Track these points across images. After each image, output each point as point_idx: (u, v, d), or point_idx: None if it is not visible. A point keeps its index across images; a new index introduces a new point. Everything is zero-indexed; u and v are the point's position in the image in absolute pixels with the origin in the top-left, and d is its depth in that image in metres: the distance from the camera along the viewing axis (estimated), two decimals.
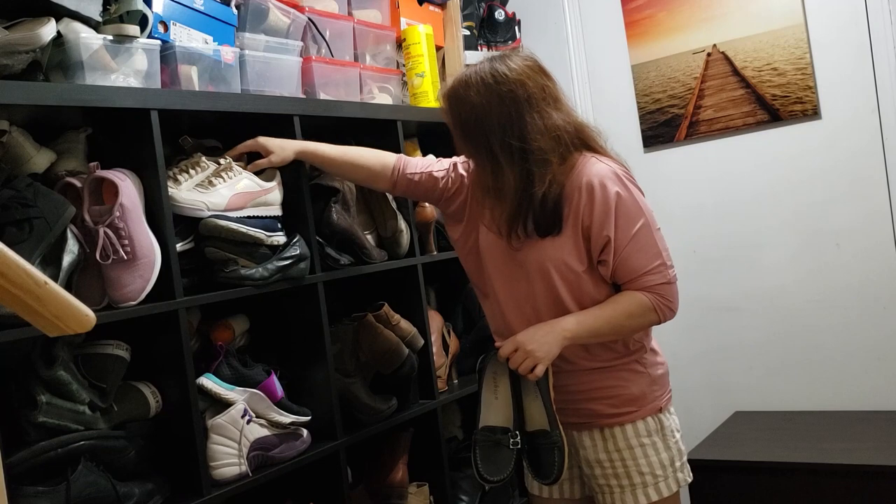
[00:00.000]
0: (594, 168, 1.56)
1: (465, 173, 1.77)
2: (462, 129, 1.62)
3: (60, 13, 1.49)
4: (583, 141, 1.61)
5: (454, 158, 1.82)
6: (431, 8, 2.65)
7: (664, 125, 2.92)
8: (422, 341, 2.11)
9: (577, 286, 1.59)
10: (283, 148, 1.79)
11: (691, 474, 1.71)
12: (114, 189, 1.48)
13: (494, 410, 1.66)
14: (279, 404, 1.74)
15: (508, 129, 1.55)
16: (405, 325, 2.09)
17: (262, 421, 1.70)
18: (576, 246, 1.56)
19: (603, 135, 1.66)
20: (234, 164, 1.74)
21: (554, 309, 1.60)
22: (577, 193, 1.55)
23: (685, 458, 1.70)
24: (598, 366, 1.64)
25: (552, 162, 1.54)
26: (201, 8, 1.75)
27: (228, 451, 1.61)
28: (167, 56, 1.68)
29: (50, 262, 1.42)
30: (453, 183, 1.77)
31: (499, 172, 1.58)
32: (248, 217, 1.71)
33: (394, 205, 2.11)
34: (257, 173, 1.79)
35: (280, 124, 1.83)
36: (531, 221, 1.57)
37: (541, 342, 1.54)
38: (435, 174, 1.80)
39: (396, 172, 1.82)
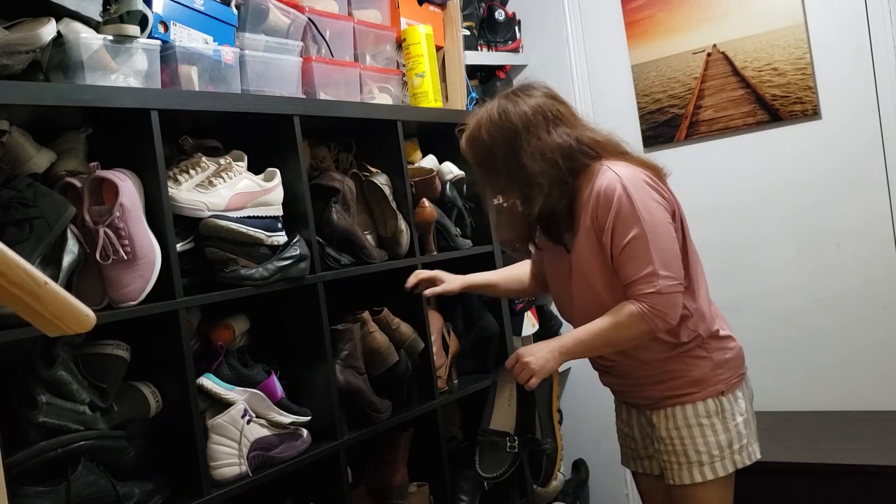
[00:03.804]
0: (604, 175, 1.63)
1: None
2: (480, 166, 1.75)
3: (60, 13, 1.49)
4: (599, 152, 1.67)
5: None
6: (431, 8, 2.65)
7: (664, 125, 2.91)
8: (422, 345, 2.11)
9: (612, 284, 1.64)
10: (452, 280, 2.00)
11: (755, 456, 1.73)
12: (114, 189, 1.48)
13: (503, 415, 1.81)
14: (279, 404, 1.74)
15: (512, 159, 1.65)
16: (405, 328, 2.09)
17: (263, 421, 1.70)
18: (601, 247, 1.63)
19: (620, 142, 1.73)
20: (233, 163, 1.74)
21: (598, 310, 1.65)
22: (591, 200, 1.63)
23: (746, 441, 1.72)
24: (658, 357, 1.70)
25: (543, 185, 1.63)
26: (201, 8, 1.75)
27: (228, 451, 1.62)
28: (167, 56, 1.68)
29: (50, 262, 1.42)
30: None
31: (508, 197, 1.74)
32: (249, 217, 1.71)
33: (394, 205, 2.11)
34: (257, 173, 1.79)
35: (280, 124, 1.83)
36: (540, 235, 1.76)
37: (537, 356, 1.65)
38: (533, 255, 1.95)
39: (534, 273, 1.98)
